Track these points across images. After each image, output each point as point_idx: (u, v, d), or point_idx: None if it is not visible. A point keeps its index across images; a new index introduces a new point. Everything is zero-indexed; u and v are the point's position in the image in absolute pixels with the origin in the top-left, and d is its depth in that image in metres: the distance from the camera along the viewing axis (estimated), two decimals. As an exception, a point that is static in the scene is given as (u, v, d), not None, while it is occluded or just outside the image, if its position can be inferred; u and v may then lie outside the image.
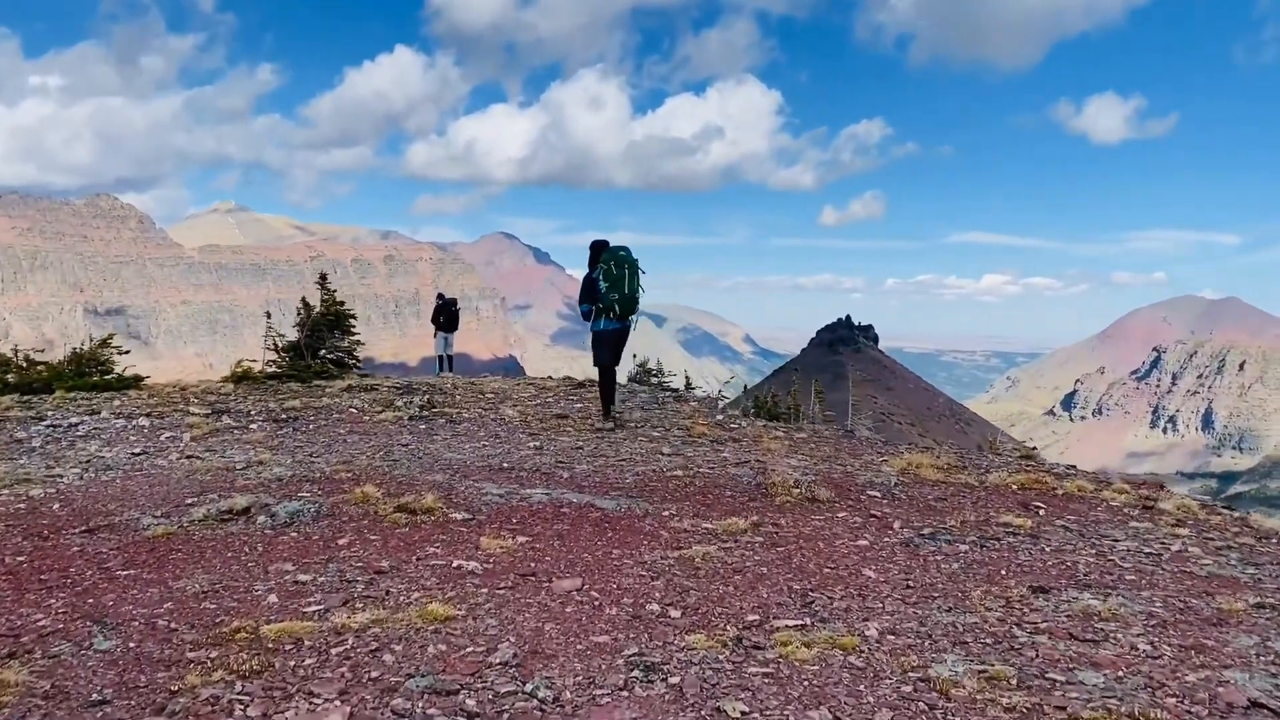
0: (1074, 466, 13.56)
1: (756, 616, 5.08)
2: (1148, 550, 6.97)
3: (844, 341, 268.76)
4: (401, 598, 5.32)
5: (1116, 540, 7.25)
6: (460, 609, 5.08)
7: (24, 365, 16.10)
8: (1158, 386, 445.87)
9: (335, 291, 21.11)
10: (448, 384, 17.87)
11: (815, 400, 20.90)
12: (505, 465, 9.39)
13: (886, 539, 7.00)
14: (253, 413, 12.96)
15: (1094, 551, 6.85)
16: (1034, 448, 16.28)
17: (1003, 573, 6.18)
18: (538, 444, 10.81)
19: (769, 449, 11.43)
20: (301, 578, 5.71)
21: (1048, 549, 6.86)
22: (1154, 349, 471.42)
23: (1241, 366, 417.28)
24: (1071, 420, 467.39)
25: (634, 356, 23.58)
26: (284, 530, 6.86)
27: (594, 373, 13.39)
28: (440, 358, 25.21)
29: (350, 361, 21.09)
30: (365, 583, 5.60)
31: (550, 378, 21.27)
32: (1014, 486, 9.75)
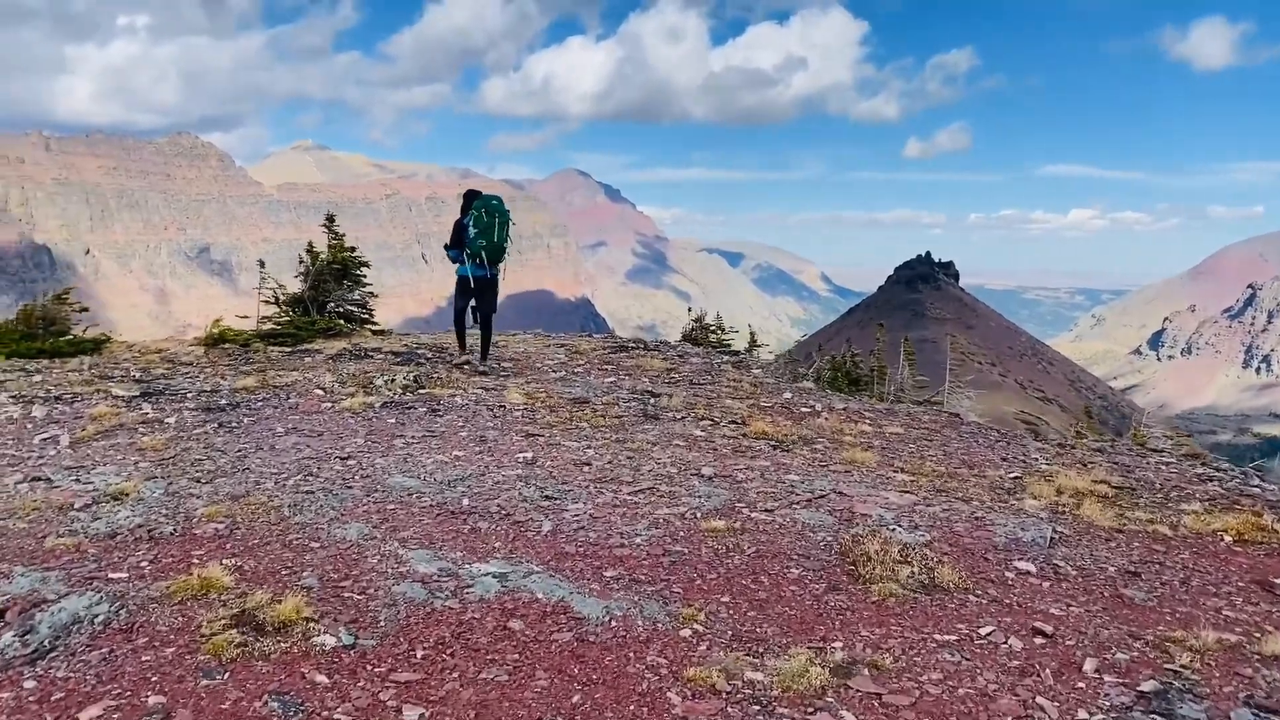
0: None
1: None
2: None
3: (924, 279, 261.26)
4: None
5: None
6: None
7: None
8: (1252, 325, 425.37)
9: (344, 236, 18.25)
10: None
11: (904, 363, 17.54)
12: (466, 502, 6.39)
13: (1082, 714, 3.83)
14: (189, 394, 10.18)
15: None
16: (1189, 434, 12.93)
17: None
18: (531, 455, 7.79)
19: (854, 461, 8.25)
20: None
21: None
22: (1249, 286, 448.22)
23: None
24: (1159, 359, 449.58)
25: (689, 310, 20.40)
26: (21, 669, 3.98)
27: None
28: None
29: (363, 315, 18.34)
30: None
31: (590, 335, 18.25)
32: (1228, 538, 6.47)
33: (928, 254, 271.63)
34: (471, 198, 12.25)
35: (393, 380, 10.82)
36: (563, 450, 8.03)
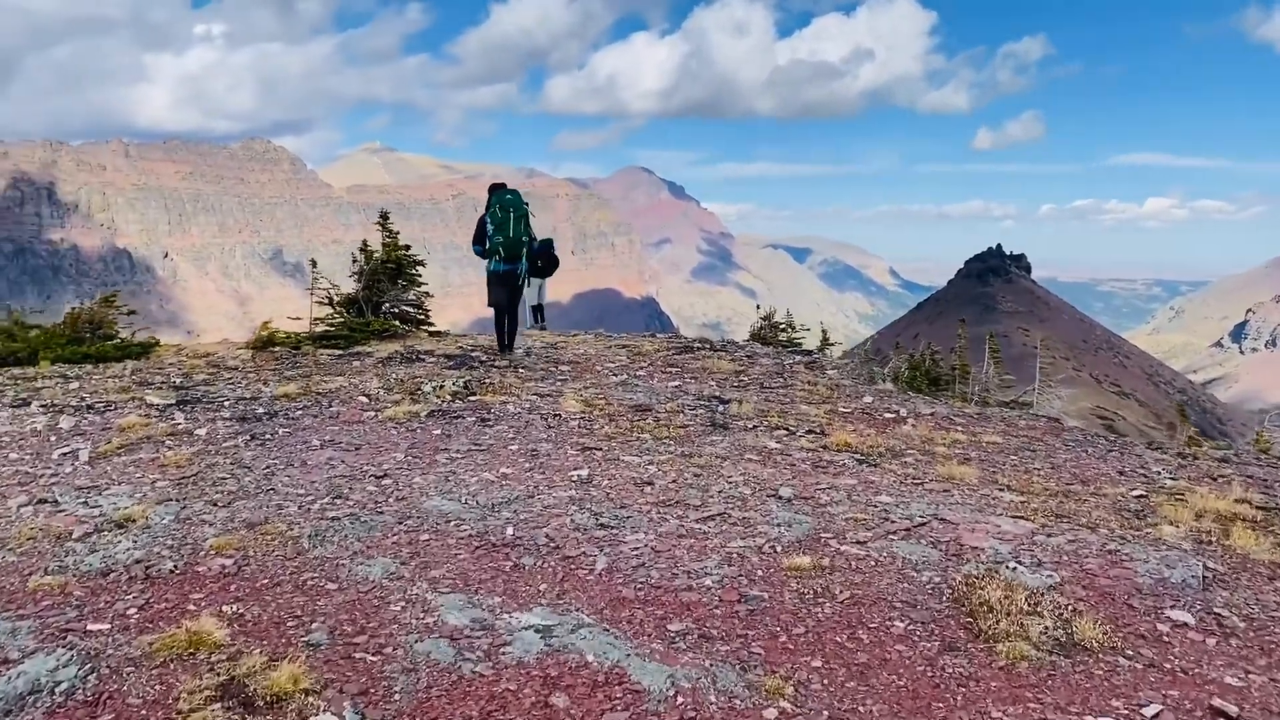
0: None
1: None
2: None
3: (994, 272, 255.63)
4: None
5: None
6: None
7: (11, 331, 13.24)
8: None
9: (398, 234, 17.64)
10: (521, 349, 14.26)
11: (989, 362, 16.35)
12: (510, 531, 5.57)
13: None
14: (227, 402, 9.57)
15: None
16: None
17: None
18: (586, 472, 6.96)
19: (952, 477, 7.27)
20: None
21: None
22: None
23: None
24: (1242, 352, 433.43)
25: (757, 307, 19.44)
26: (-43, 759, 3.27)
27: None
28: (534, 308, 21.56)
29: (419, 316, 17.72)
30: None
31: (654, 335, 17.40)
32: None
33: (998, 246, 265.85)
34: (493, 192, 12.20)
35: (441, 386, 10.09)
36: (621, 467, 7.18)
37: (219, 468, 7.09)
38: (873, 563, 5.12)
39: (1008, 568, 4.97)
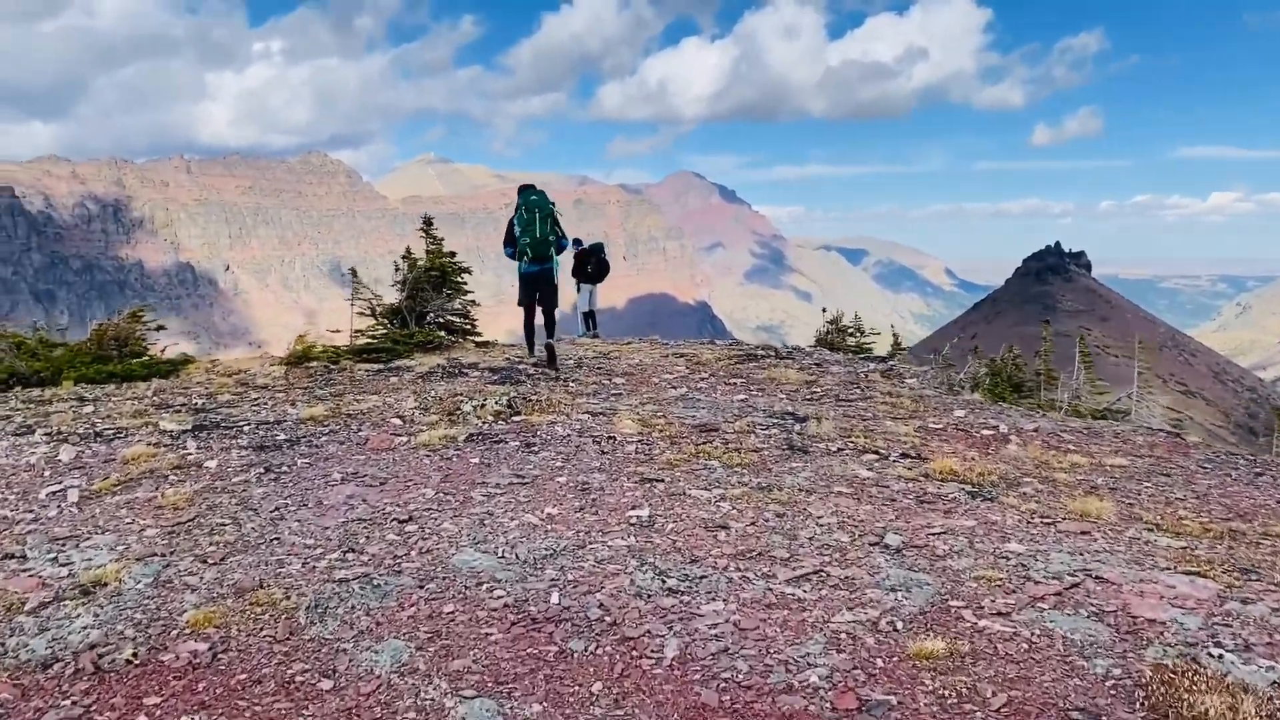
0: None
1: None
2: None
3: (1053, 270, 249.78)
4: None
5: None
6: None
7: (35, 349, 12.50)
8: None
9: (442, 240, 16.71)
10: (573, 358, 13.24)
11: (1080, 367, 14.91)
12: (555, 598, 4.47)
13: None
14: (247, 426, 8.63)
15: None
16: None
17: None
18: (646, 512, 5.84)
19: (1087, 514, 6.02)
20: None
21: None
22: None
23: None
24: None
25: (824, 310, 18.18)
26: None
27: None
28: (585, 315, 20.56)
29: (465, 326, 16.76)
30: None
31: (713, 342, 16.24)
32: None
33: (1057, 244, 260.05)
34: (520, 193, 12.16)
35: (483, 405, 9.05)
36: (688, 503, 6.05)
37: (221, 510, 6.09)
38: (1025, 645, 3.93)
39: (1208, 654, 3.76)
